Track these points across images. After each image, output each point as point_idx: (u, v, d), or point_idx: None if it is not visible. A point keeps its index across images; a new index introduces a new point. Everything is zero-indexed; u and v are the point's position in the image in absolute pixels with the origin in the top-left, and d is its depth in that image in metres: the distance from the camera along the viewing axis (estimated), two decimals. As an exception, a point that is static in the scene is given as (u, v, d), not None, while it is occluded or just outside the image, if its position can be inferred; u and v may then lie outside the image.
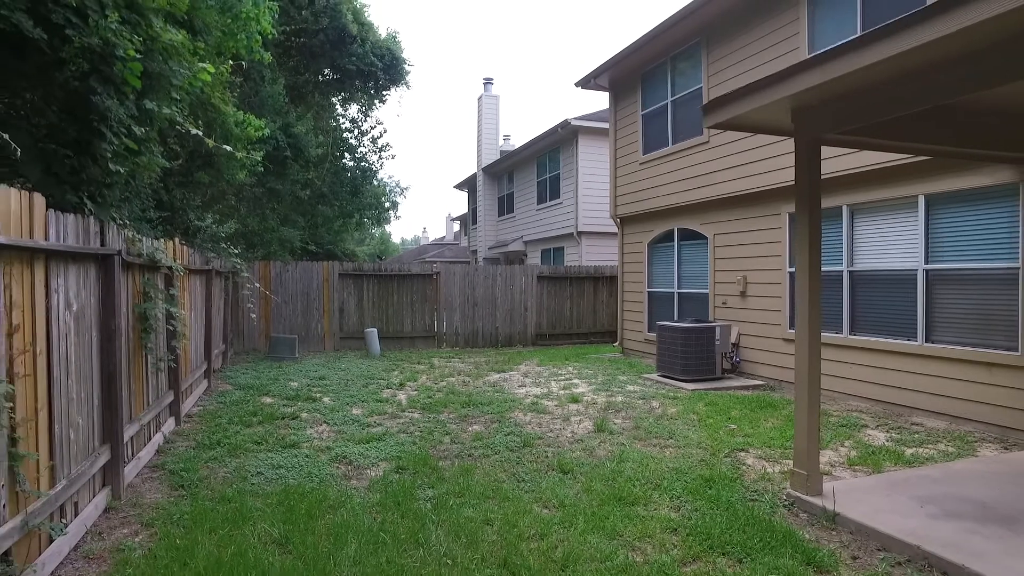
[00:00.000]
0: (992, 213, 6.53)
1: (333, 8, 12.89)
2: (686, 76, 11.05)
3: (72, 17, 3.50)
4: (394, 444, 6.13)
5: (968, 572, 3.33)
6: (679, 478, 5.06)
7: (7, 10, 3.09)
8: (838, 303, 8.17)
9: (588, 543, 3.87)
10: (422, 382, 9.67)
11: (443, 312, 14.35)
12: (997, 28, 3.03)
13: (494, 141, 24.55)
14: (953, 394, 6.78)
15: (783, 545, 3.83)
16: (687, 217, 11.08)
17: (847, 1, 8.01)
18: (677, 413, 7.39)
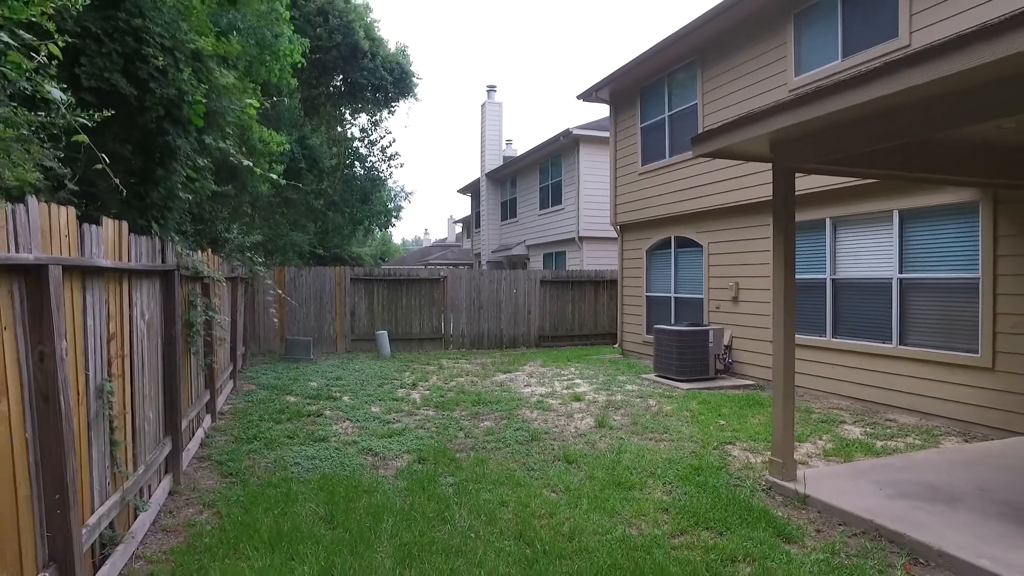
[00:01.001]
0: (957, 228, 7.17)
1: (346, 26, 13.55)
2: (682, 92, 11.68)
3: (155, 73, 4.14)
4: (413, 438, 6.76)
5: (908, 539, 3.98)
6: (671, 467, 5.70)
7: (108, 73, 3.72)
8: (822, 309, 8.82)
9: (591, 520, 4.51)
10: (433, 382, 10.31)
11: (450, 315, 15.00)
12: (939, 88, 3.65)
13: (497, 147, 25.19)
14: (923, 392, 7.43)
15: (758, 521, 4.47)
16: (683, 226, 11.72)
17: (829, 28, 8.64)
18: (672, 410, 8.03)
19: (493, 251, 25.07)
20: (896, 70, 3.70)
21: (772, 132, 4.82)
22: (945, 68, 3.41)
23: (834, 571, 3.77)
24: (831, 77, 8.29)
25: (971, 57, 3.27)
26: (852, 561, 3.90)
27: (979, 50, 3.23)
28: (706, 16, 10.13)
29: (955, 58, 3.35)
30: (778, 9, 9.31)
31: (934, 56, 3.45)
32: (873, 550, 4.04)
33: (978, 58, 3.24)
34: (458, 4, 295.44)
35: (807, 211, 8.83)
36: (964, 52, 3.29)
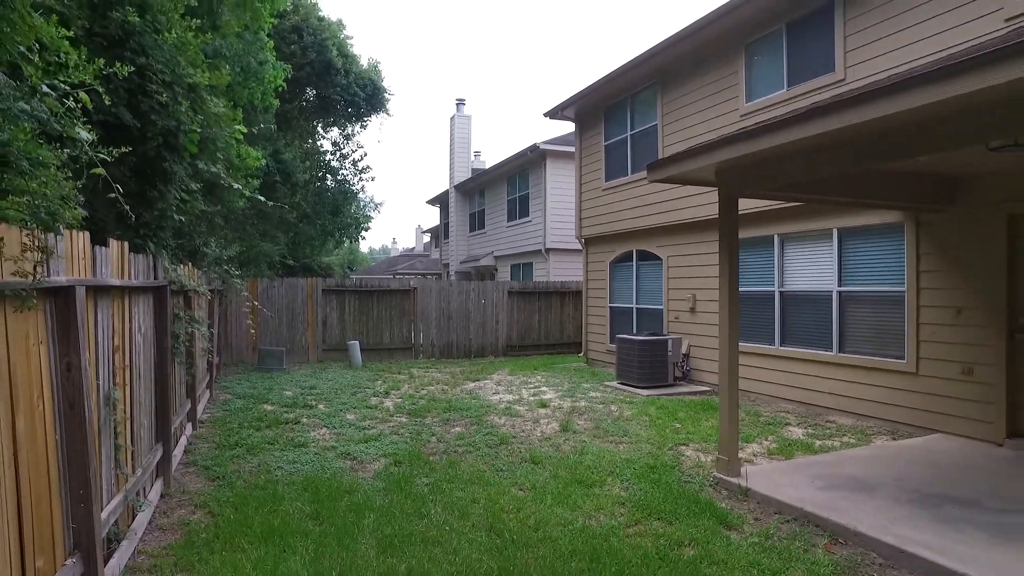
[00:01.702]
0: (887, 246, 7.88)
1: (320, 44, 13.91)
2: (644, 113, 12.33)
3: (156, 107, 4.52)
4: (389, 443, 7.16)
5: (830, 522, 4.55)
6: (629, 466, 6.21)
7: (115, 107, 4.10)
8: (771, 319, 9.48)
9: (555, 513, 4.99)
10: (405, 390, 10.69)
11: (420, 325, 15.39)
12: (860, 130, 4.24)
13: (466, 159, 25.69)
14: (858, 396, 8.10)
15: (704, 512, 5.00)
16: (644, 240, 12.35)
17: (775, 59, 9.33)
18: (632, 415, 8.58)
19: (461, 261, 25.50)
20: (818, 115, 4.29)
21: (717, 163, 5.41)
22: (857, 116, 3.99)
23: (766, 552, 4.31)
24: (777, 105, 9.01)
25: (875, 109, 3.86)
26: (782, 543, 4.44)
27: (883, 104, 3.82)
28: (665, 43, 10.78)
29: (864, 108, 3.94)
30: (731, 40, 10.00)
31: (851, 105, 4.03)
32: (801, 533, 4.60)
33: (882, 110, 3.84)
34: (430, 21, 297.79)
35: (757, 228, 9.50)
36: (869, 105, 3.89)
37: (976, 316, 6.86)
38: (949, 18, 6.95)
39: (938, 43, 6.99)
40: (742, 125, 9.38)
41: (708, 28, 9.99)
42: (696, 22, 10.03)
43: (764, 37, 9.50)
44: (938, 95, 3.46)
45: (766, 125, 4.76)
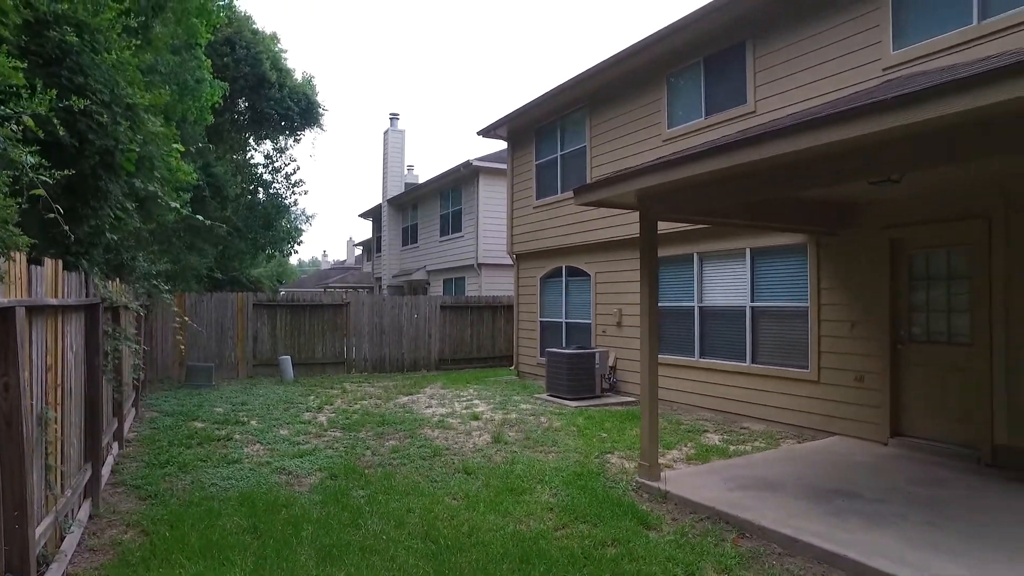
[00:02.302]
0: (793, 264, 8.57)
1: (254, 57, 13.83)
2: (574, 135, 12.85)
3: (93, 126, 4.56)
4: (324, 458, 7.25)
5: (738, 519, 5.00)
6: (558, 474, 6.54)
7: (51, 126, 4.14)
8: (691, 332, 10.07)
9: (487, 520, 5.25)
10: (338, 405, 10.72)
11: (353, 339, 15.37)
12: (759, 165, 4.74)
13: (399, 174, 25.77)
14: (769, 403, 8.74)
15: (626, 514, 5.37)
16: (573, 257, 12.83)
17: (694, 90, 9.99)
18: (561, 426, 8.94)
19: (394, 275, 25.50)
20: (724, 151, 4.77)
21: (638, 189, 5.85)
22: (756, 154, 4.49)
23: (681, 547, 4.70)
24: (696, 132, 9.66)
25: (771, 148, 4.36)
26: (696, 539, 4.85)
27: (776, 144, 4.32)
28: (593, 70, 11.33)
29: (763, 147, 4.43)
30: (654, 70, 10.62)
31: (751, 144, 4.52)
32: (713, 530, 5.03)
33: (775, 149, 4.34)
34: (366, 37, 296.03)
35: (679, 247, 10.10)
36: (766, 144, 4.38)
37: (866, 329, 7.58)
38: (837, 64, 7.74)
39: (830, 84, 7.75)
40: (664, 150, 10.03)
41: (633, 58, 10.59)
42: (622, 52, 10.61)
43: (684, 69, 10.16)
44: (818, 140, 3.97)
45: (680, 157, 5.22)
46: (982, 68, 3.46)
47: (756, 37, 8.86)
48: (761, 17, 8.73)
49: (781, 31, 8.49)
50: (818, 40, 8.01)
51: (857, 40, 7.56)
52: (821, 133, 3.99)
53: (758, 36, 8.83)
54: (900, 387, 7.35)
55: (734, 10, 8.87)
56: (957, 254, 6.94)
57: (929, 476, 6.15)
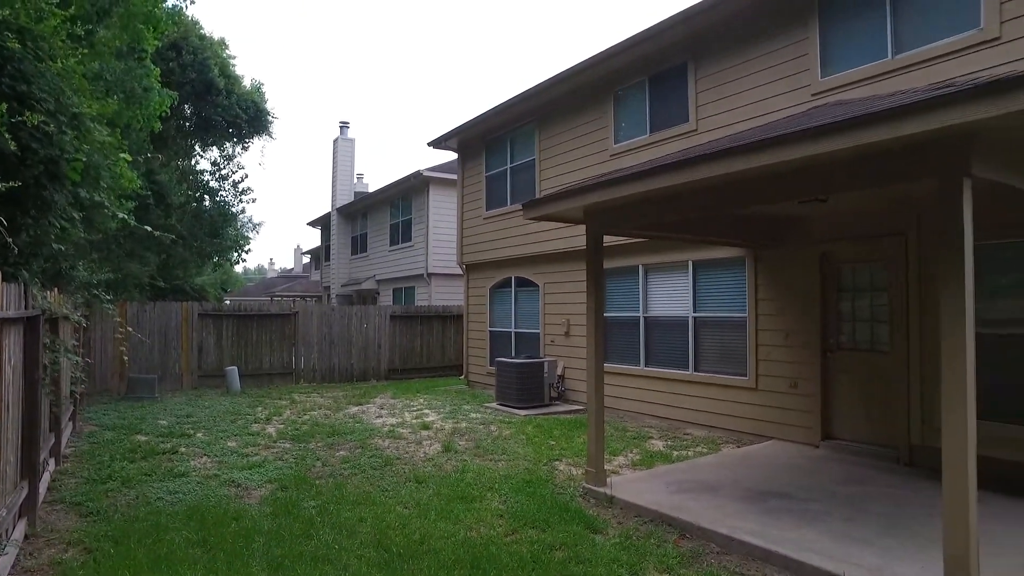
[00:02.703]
0: (732, 277, 8.98)
1: (201, 63, 13.60)
2: (523, 148, 13.10)
3: (38, 135, 4.51)
4: (273, 469, 7.22)
5: (679, 520, 5.26)
6: (507, 482, 6.69)
7: (-6, 136, 4.09)
8: (636, 342, 10.39)
9: (438, 527, 5.36)
10: (287, 416, 10.63)
11: (301, 349, 15.21)
12: (696, 185, 5.02)
13: (349, 182, 25.59)
14: (710, 410, 9.10)
15: (574, 519, 5.56)
16: (523, 268, 13.05)
17: (639, 107, 10.35)
18: (510, 434, 9.11)
19: (343, 284, 25.26)
20: (664, 171, 5.04)
21: (584, 205, 6.08)
22: (693, 175, 4.77)
23: (626, 549, 4.91)
24: (642, 148, 10.02)
25: (707, 170, 4.64)
26: (640, 541, 5.07)
27: (712, 166, 4.60)
28: (541, 86, 11.60)
29: (698, 168, 4.71)
30: (601, 87, 10.96)
31: (688, 165, 4.80)
32: (655, 532, 5.26)
33: (712, 171, 4.62)
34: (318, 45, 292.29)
35: (624, 259, 10.42)
36: (701, 166, 4.66)
37: (800, 338, 8.01)
38: (772, 88, 8.21)
39: (766, 106, 8.20)
40: (611, 165, 10.36)
41: (581, 75, 10.91)
42: (569, 69, 10.92)
43: (630, 87, 10.52)
44: (749, 163, 4.27)
45: (623, 176, 5.47)
46: (863, 110, 3.80)
47: (698, 59, 9.28)
48: (703, 41, 9.15)
49: (721, 55, 8.92)
50: (755, 64, 8.46)
51: (789, 67, 8.03)
52: (750, 158, 4.29)
53: (700, 58, 9.25)
54: (830, 393, 7.79)
55: (677, 33, 9.26)
56: (878, 268, 7.42)
57: (854, 476, 6.56)
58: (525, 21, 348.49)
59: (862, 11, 7.38)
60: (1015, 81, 3.07)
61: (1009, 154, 3.98)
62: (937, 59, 6.61)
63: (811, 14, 7.81)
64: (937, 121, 3.35)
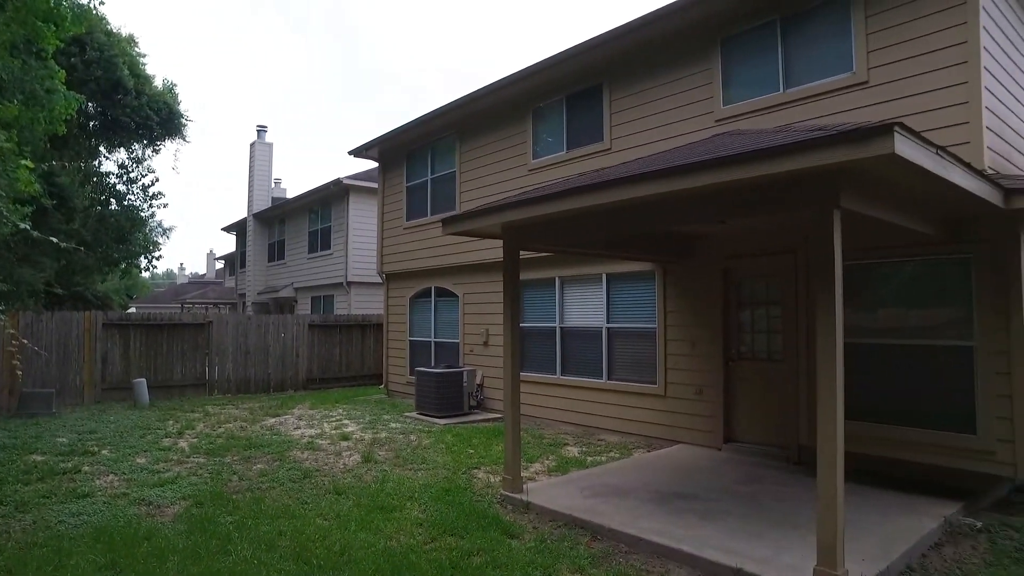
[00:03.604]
0: (643, 289, 9.47)
1: (108, 60, 12.99)
2: (444, 160, 13.26)
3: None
4: (187, 485, 7.06)
5: (591, 523, 5.56)
6: (427, 491, 6.83)
7: None
8: (553, 351, 10.74)
9: (359, 538, 5.44)
10: (200, 429, 10.33)
11: (215, 360, 14.75)
12: (600, 208, 5.34)
13: (266, 188, 24.93)
14: (623, 416, 9.54)
15: (491, 525, 5.76)
16: (442, 278, 13.20)
17: (557, 125, 10.74)
18: (430, 443, 9.23)
19: (259, 292, 24.57)
20: (575, 193, 5.35)
21: (502, 222, 6.33)
22: (600, 199, 5.10)
23: (540, 553, 5.15)
24: (558, 164, 10.40)
25: (612, 194, 4.98)
26: (554, 544, 5.33)
27: (617, 191, 4.95)
28: (461, 100, 11.83)
29: (604, 192, 5.05)
30: (521, 103, 11.29)
31: (596, 188, 5.13)
32: (569, 535, 5.54)
33: (619, 195, 4.96)
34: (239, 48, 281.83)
35: (542, 271, 10.76)
36: (607, 191, 5.00)
37: (704, 347, 8.56)
38: (679, 112, 8.76)
39: (674, 130, 8.74)
40: (530, 179, 10.70)
41: (501, 91, 11.20)
42: (491, 84, 11.20)
43: (549, 105, 10.90)
44: (655, 189, 4.64)
45: (539, 196, 5.76)
46: (754, 146, 4.25)
47: (613, 82, 9.75)
48: (617, 65, 9.63)
49: (634, 79, 9.42)
50: (665, 90, 8.99)
51: (696, 94, 8.59)
52: (658, 183, 4.66)
53: (614, 81, 9.72)
54: (731, 399, 8.36)
55: (594, 56, 9.71)
56: (774, 283, 8.05)
57: (751, 475, 7.09)
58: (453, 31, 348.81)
59: (758, 49, 8.02)
60: (870, 131, 3.53)
61: (871, 189, 4.51)
62: (820, 95, 7.29)
63: (714, 48, 8.41)
64: (809, 161, 3.80)
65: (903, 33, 6.66)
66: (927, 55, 6.47)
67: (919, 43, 6.54)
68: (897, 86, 6.67)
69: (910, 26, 6.61)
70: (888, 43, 6.77)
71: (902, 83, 6.64)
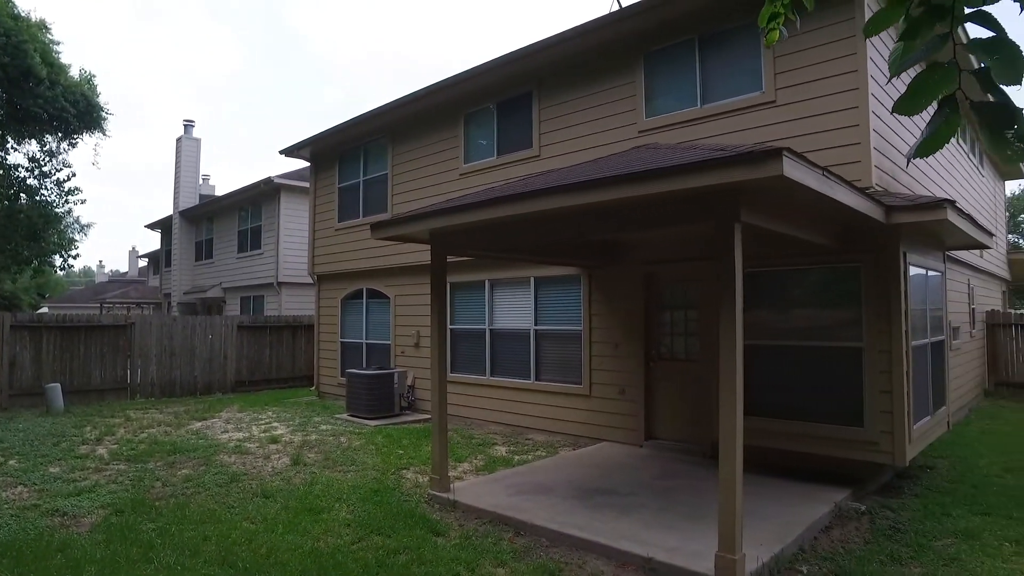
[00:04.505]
0: (570, 292, 9.80)
1: (16, 47, 12.35)
2: (376, 162, 13.27)
3: None
4: (107, 493, 6.89)
5: (514, 520, 5.80)
6: (356, 492, 6.92)
7: None
8: (482, 353, 10.95)
9: (286, 540, 5.50)
10: (121, 435, 10.03)
11: (138, 362, 14.27)
12: (524, 217, 5.59)
13: (193, 184, 24.16)
14: (550, 416, 9.85)
15: (418, 524, 5.92)
16: (374, 279, 13.22)
17: (488, 130, 10.96)
18: (360, 445, 9.29)
19: (186, 292, 23.80)
20: (499, 203, 5.58)
21: (430, 228, 6.50)
22: (522, 208, 5.34)
23: (465, 549, 5.35)
24: (489, 169, 10.62)
25: (536, 204, 5.23)
26: (479, 541, 5.53)
27: (536, 202, 5.20)
28: (394, 104, 11.89)
29: (527, 203, 5.29)
30: (452, 109, 11.45)
31: (518, 199, 5.37)
32: (493, 531, 5.75)
33: (542, 205, 5.21)
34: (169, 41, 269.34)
35: (472, 274, 10.96)
36: (529, 201, 5.25)
37: (627, 349, 8.95)
38: (605, 122, 9.12)
39: (600, 139, 9.09)
40: (461, 183, 10.88)
41: (433, 96, 11.33)
42: (423, 89, 11.31)
43: (480, 111, 11.10)
44: (575, 200, 4.91)
45: (465, 204, 5.96)
46: (668, 162, 4.58)
47: (542, 90, 10.04)
48: (546, 74, 9.92)
49: (563, 88, 9.73)
50: (591, 100, 9.33)
51: (620, 105, 8.97)
52: (577, 195, 4.93)
53: (543, 90, 10.01)
54: (652, 398, 8.77)
55: (524, 65, 9.97)
56: (692, 288, 8.50)
57: (668, 471, 7.49)
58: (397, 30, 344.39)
59: (678, 65, 8.45)
60: (763, 154, 3.89)
61: (770, 205, 4.91)
62: (734, 112, 7.77)
63: (637, 63, 8.80)
64: (711, 179, 4.14)
65: (805, 58, 7.19)
66: (825, 80, 7.01)
67: (817, 69, 7.08)
68: (800, 107, 7.20)
69: (810, 52, 7.14)
70: (793, 67, 7.29)
71: (804, 104, 7.17)
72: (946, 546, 5.36)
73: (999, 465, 7.95)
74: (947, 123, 1.49)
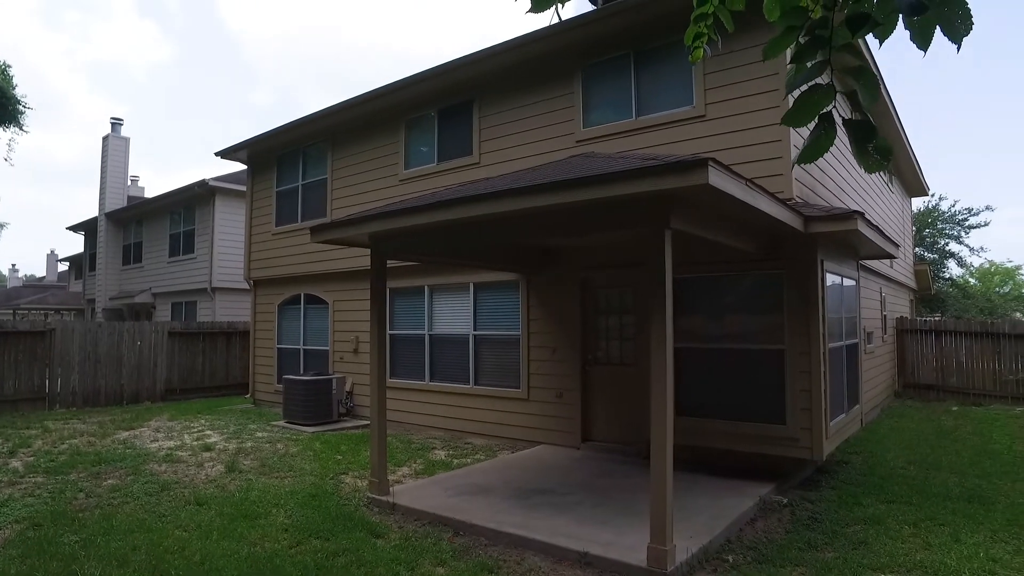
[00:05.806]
0: (508, 298, 9.95)
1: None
2: (315, 166, 13.13)
3: None
4: (22, 507, 6.54)
5: (453, 520, 5.88)
6: (293, 497, 6.85)
7: None
8: (422, 358, 10.97)
9: (221, 547, 5.42)
10: (38, 447, 9.57)
11: (58, 371, 13.61)
12: (459, 222, 5.70)
13: (121, 185, 23.21)
14: (489, 420, 9.96)
15: (357, 527, 5.92)
16: (312, 285, 13.05)
17: (429, 137, 11.03)
18: (298, 451, 9.17)
19: (111, 297, 22.80)
20: (436, 208, 5.69)
21: (370, 232, 6.54)
22: (459, 214, 5.47)
23: (404, 550, 5.39)
24: (429, 175, 10.69)
25: (473, 208, 5.36)
26: (418, 541, 5.59)
27: (469, 208, 5.33)
28: (334, 108, 11.83)
29: (460, 208, 5.42)
30: (393, 115, 11.46)
31: (455, 204, 5.49)
32: (432, 532, 5.82)
33: (479, 210, 5.34)
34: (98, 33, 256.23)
35: (412, 279, 10.98)
36: (469, 205, 5.38)
37: (564, 353, 9.16)
38: (544, 132, 9.36)
39: (538, 147, 9.31)
40: (401, 188, 10.92)
41: (374, 102, 11.33)
42: (364, 94, 11.30)
43: (421, 117, 11.17)
44: (511, 206, 5.06)
45: (403, 208, 6.04)
46: (601, 170, 4.80)
47: (483, 99, 10.19)
48: (487, 83, 10.08)
49: (503, 97, 9.91)
50: (531, 109, 9.55)
51: (558, 115, 9.21)
52: (513, 201, 5.09)
53: (484, 99, 10.17)
54: (588, 401, 9.00)
55: (464, 73, 10.11)
56: (626, 293, 8.79)
57: (604, 471, 7.72)
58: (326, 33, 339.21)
59: (614, 79, 8.76)
60: (690, 164, 4.14)
61: (698, 213, 5.19)
62: (667, 124, 8.11)
63: (575, 74, 9.07)
64: (641, 187, 4.36)
65: (732, 76, 7.59)
66: (750, 97, 7.42)
67: (743, 86, 7.49)
68: (728, 121, 7.59)
69: (737, 71, 7.54)
70: (721, 83, 7.68)
71: (732, 119, 7.56)
72: (856, 532, 5.75)
73: (904, 459, 8.55)
74: (825, 135, 1.74)
